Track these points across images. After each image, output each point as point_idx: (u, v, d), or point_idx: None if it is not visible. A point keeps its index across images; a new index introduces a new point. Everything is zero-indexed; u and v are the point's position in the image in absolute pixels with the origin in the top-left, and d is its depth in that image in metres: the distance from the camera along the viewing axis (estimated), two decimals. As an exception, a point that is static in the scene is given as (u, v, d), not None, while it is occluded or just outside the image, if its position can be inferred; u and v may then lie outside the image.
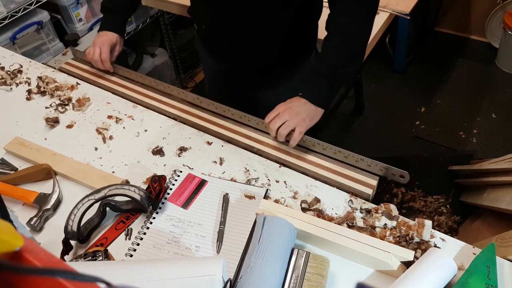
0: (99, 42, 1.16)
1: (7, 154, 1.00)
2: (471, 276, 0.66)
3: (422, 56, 2.69)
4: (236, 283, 0.67)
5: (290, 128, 0.90)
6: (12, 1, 1.64)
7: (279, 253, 0.69)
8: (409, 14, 1.64)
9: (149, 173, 0.93)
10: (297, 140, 0.91)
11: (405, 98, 2.43)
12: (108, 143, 1.02)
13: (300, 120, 0.90)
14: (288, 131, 0.90)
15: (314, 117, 0.93)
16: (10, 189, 0.89)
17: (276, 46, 1.09)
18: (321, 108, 0.93)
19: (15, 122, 1.09)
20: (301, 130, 0.90)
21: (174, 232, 0.82)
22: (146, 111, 1.10)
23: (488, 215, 1.44)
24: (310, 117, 0.92)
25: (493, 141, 2.11)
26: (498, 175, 1.42)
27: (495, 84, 2.44)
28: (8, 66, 1.28)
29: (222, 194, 0.87)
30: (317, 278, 0.69)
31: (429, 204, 1.70)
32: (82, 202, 0.79)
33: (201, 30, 1.17)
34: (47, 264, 0.34)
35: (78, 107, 1.11)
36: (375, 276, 0.73)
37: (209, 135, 1.02)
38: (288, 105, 0.92)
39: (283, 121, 0.90)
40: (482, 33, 2.71)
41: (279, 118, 0.91)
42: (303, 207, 0.84)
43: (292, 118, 0.90)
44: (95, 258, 0.72)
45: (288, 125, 0.90)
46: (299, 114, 0.91)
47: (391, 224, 0.79)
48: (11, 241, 0.32)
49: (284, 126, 0.90)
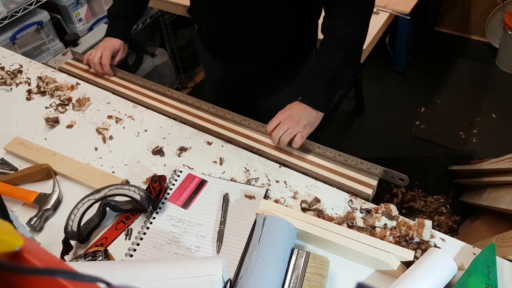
0: (102, 46, 1.18)
1: (7, 154, 1.00)
2: (471, 276, 0.66)
3: (422, 56, 2.69)
4: (236, 283, 0.67)
5: (292, 135, 0.92)
6: (12, 1, 1.64)
7: (279, 253, 0.69)
8: (409, 14, 1.64)
9: (149, 173, 0.93)
10: (298, 145, 0.93)
11: (405, 98, 2.43)
12: (108, 143, 1.02)
13: (301, 127, 0.92)
14: (290, 138, 0.92)
15: (315, 122, 0.95)
16: (10, 189, 0.89)
17: (276, 46, 1.09)
18: (321, 112, 0.95)
19: (15, 122, 1.09)
20: (302, 135, 0.92)
21: (174, 232, 0.82)
22: (146, 111, 1.10)
23: (488, 215, 1.43)
24: (311, 123, 0.94)
25: (493, 141, 2.11)
26: (498, 175, 1.42)
27: (495, 84, 2.44)
28: (8, 66, 1.28)
29: (222, 194, 0.87)
30: (317, 278, 0.69)
31: (429, 204, 1.70)
32: (82, 202, 0.79)
33: (200, 30, 1.17)
34: (47, 264, 0.34)
35: (78, 107, 1.11)
36: (375, 276, 0.73)
37: (209, 135, 1.02)
38: (289, 112, 0.94)
39: (285, 130, 0.92)
40: (482, 33, 2.71)
41: (281, 127, 0.92)
42: (303, 207, 0.84)
43: (293, 126, 0.92)
44: (95, 258, 0.72)
45: (290, 133, 0.92)
46: (300, 121, 0.92)
47: (391, 224, 0.79)
48: (11, 241, 0.32)
49: (286, 134, 0.92)
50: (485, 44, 2.72)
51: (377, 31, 1.50)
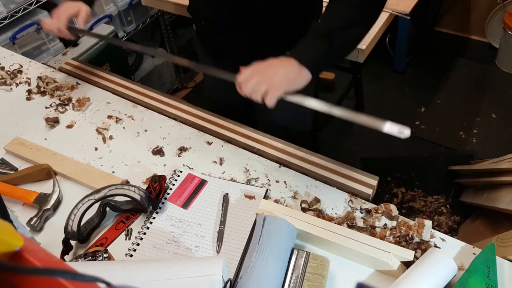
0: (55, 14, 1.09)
1: (7, 154, 1.00)
2: (471, 276, 0.66)
3: (422, 56, 2.69)
4: (236, 283, 0.67)
5: (261, 92, 0.76)
6: (12, 1, 1.64)
7: (279, 253, 0.69)
8: (409, 14, 1.64)
9: (149, 173, 0.93)
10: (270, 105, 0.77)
11: (405, 98, 2.43)
12: (108, 143, 1.02)
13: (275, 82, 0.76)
14: (260, 96, 0.77)
15: (295, 80, 0.78)
16: (10, 189, 0.89)
17: (276, 43, 1.08)
18: (306, 69, 0.78)
19: (15, 122, 1.09)
20: (273, 95, 0.76)
21: (174, 232, 0.82)
22: (146, 111, 1.10)
23: (488, 215, 1.44)
24: (290, 79, 0.77)
25: (493, 141, 2.11)
26: (498, 175, 1.42)
27: (495, 84, 2.44)
28: (8, 66, 1.28)
29: (222, 194, 0.87)
30: (317, 278, 0.69)
31: (429, 204, 1.70)
32: (82, 202, 0.79)
33: (199, 28, 1.16)
34: (47, 264, 0.34)
35: (78, 107, 1.11)
36: (375, 276, 0.73)
37: (209, 135, 1.02)
38: (265, 65, 0.79)
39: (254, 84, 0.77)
40: (482, 33, 2.71)
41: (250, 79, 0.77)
42: (303, 207, 0.84)
43: (265, 81, 0.76)
44: (95, 258, 0.72)
45: (259, 90, 0.76)
46: (276, 74, 0.77)
47: (391, 224, 0.79)
48: (11, 241, 0.32)
49: (255, 92, 0.77)
50: (485, 44, 2.72)
51: (377, 31, 1.50)
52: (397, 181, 1.84)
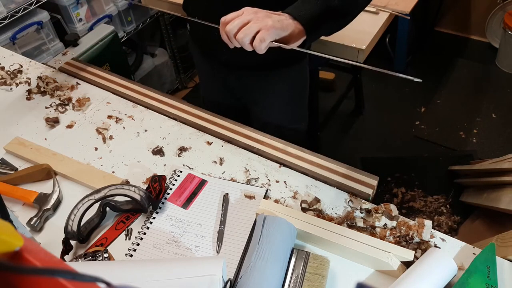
0: None
1: (7, 154, 1.00)
2: (471, 276, 0.66)
3: (422, 56, 2.69)
4: (236, 283, 0.67)
5: (252, 31, 0.70)
6: (12, 1, 1.64)
7: (279, 253, 0.69)
8: (409, 14, 1.64)
9: (149, 173, 0.93)
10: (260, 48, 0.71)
11: (405, 98, 2.43)
12: (108, 143, 1.02)
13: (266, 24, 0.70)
14: (249, 36, 0.70)
15: (287, 28, 0.73)
16: (10, 189, 0.89)
17: None
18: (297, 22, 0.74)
19: (15, 122, 1.09)
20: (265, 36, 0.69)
21: (174, 232, 0.82)
22: (146, 111, 1.10)
23: (488, 215, 1.44)
24: (281, 24, 0.72)
25: (493, 141, 2.11)
26: (498, 175, 1.42)
27: (495, 84, 2.44)
28: (8, 66, 1.28)
29: (222, 194, 0.87)
30: (317, 278, 0.69)
31: (429, 204, 1.70)
32: (82, 202, 0.79)
33: (193, 27, 1.15)
34: (47, 264, 0.34)
35: (78, 107, 1.11)
36: (375, 276, 0.73)
37: (209, 135, 1.02)
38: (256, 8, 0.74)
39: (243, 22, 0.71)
40: (482, 33, 2.71)
41: (238, 18, 0.71)
42: (303, 207, 0.84)
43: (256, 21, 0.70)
44: (95, 258, 0.72)
45: (249, 28, 0.70)
46: (267, 18, 0.71)
47: (391, 224, 0.79)
48: (11, 241, 0.32)
49: (244, 30, 0.70)
50: (485, 44, 2.72)
51: (377, 31, 1.50)
52: (397, 181, 1.85)
